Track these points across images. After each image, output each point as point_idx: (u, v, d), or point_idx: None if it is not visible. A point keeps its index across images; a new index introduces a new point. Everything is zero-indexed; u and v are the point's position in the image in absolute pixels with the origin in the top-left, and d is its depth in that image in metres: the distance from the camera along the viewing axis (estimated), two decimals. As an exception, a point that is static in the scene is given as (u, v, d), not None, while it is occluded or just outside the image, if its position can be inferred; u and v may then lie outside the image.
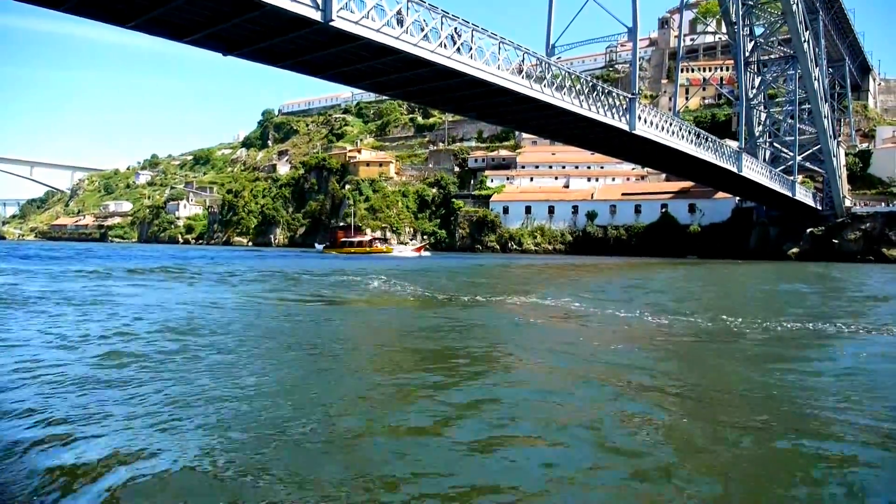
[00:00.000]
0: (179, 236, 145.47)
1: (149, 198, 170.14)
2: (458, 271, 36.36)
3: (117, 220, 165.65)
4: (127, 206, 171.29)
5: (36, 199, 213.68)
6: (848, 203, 71.29)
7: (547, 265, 47.54)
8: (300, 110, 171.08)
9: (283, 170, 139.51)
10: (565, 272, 38.67)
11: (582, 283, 28.44)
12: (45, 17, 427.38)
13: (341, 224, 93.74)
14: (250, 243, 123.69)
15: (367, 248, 75.55)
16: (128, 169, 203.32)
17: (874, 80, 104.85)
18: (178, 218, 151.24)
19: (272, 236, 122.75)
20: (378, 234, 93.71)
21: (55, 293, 17.34)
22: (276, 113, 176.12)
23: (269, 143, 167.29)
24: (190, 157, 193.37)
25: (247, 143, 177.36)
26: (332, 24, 22.98)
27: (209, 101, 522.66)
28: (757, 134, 69.86)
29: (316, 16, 22.71)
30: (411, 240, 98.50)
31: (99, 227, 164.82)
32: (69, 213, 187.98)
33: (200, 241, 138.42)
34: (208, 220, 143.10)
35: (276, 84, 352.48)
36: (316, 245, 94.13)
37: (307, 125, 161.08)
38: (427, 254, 73.32)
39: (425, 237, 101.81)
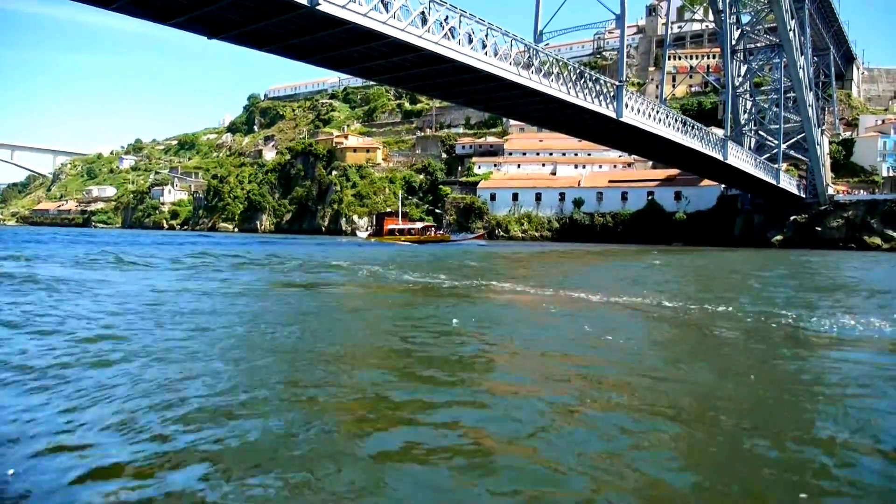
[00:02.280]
0: (164, 222, 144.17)
1: (133, 183, 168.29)
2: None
3: (101, 205, 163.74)
4: (110, 192, 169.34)
5: (17, 184, 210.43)
6: (831, 191, 72.12)
7: (588, 251, 47.81)
8: (286, 95, 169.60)
9: (269, 155, 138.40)
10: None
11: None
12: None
13: (388, 210, 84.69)
14: (236, 229, 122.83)
15: (421, 236, 67.66)
16: (111, 153, 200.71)
17: (858, 69, 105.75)
18: (162, 203, 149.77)
19: (258, 222, 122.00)
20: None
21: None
22: (262, 98, 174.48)
23: (255, 128, 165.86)
24: (174, 142, 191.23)
25: (232, 129, 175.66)
26: (318, 7, 22.84)
27: (194, 85, 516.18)
28: (742, 122, 70.34)
29: (302, -1, 22.56)
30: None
31: (82, 212, 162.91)
32: (51, 197, 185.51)
33: (186, 227, 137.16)
34: (193, 206, 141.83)
35: (262, 68, 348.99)
36: (357, 233, 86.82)
37: (293, 110, 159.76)
38: (484, 242, 67.98)
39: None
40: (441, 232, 72.23)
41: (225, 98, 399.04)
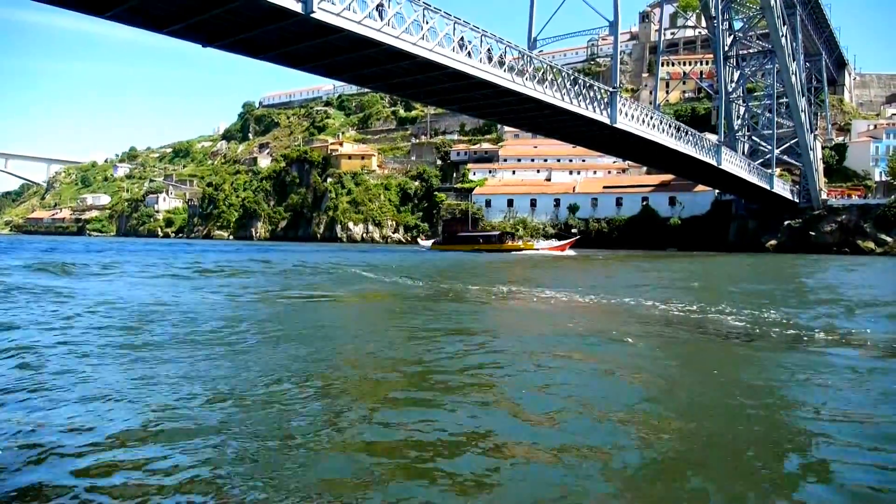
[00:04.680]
0: (159, 230, 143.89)
1: (127, 191, 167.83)
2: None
3: (95, 213, 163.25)
4: (105, 200, 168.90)
5: (11, 193, 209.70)
6: (824, 196, 72.43)
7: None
8: (281, 102, 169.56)
9: (264, 163, 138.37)
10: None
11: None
12: (17, 6, 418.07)
13: (457, 216, 76.25)
14: (231, 237, 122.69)
15: (497, 245, 60.79)
16: (105, 161, 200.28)
17: (850, 74, 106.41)
18: (157, 211, 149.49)
19: (253, 230, 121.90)
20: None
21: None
22: (257, 105, 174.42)
23: (250, 135, 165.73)
24: (169, 150, 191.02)
25: (227, 136, 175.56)
26: (312, 15, 22.87)
27: (188, 92, 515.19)
28: (736, 127, 70.64)
29: (297, 7, 22.59)
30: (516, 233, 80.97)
31: (76, 220, 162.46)
32: (45, 206, 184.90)
33: (180, 235, 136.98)
34: (188, 214, 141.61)
35: (256, 76, 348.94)
36: (420, 241, 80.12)
37: (288, 118, 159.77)
38: (573, 251, 58.23)
39: (406, 230, 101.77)
40: (524, 241, 63.63)
41: (219, 106, 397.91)
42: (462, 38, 30.04)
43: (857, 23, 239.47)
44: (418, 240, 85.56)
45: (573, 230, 69.91)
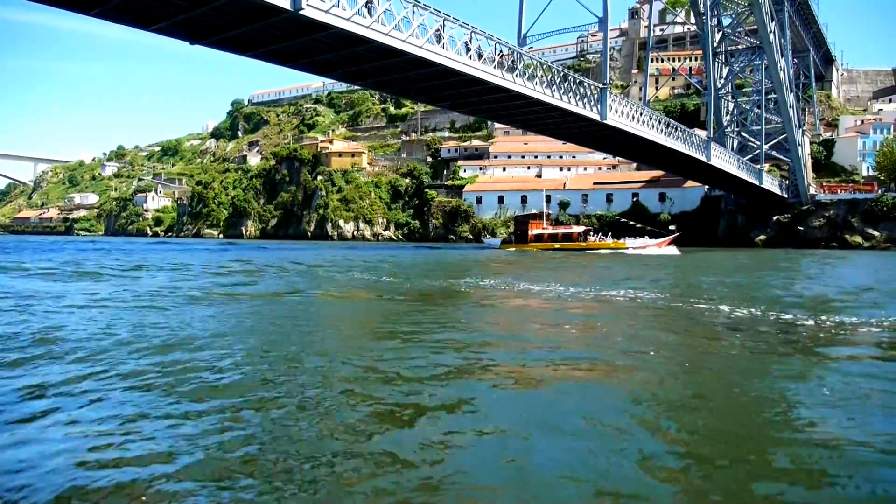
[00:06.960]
0: (148, 229, 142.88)
1: (116, 190, 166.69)
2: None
3: (83, 212, 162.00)
4: (93, 199, 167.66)
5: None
6: (812, 191, 72.99)
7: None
8: (270, 100, 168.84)
9: (254, 161, 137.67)
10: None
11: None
12: (3, 4, 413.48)
13: (531, 213, 69.75)
14: (221, 236, 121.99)
15: (580, 243, 55.88)
16: (93, 160, 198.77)
17: (837, 70, 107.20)
18: (146, 210, 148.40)
19: (243, 228, 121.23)
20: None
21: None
22: (246, 103, 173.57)
23: (239, 133, 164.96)
24: (158, 148, 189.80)
25: (216, 134, 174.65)
26: (301, 12, 22.77)
27: (177, 91, 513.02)
28: (725, 123, 71.01)
29: (285, 4, 22.48)
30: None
31: (64, 220, 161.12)
32: (32, 205, 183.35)
33: (170, 234, 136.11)
34: (177, 213, 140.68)
35: (245, 74, 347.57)
36: (485, 240, 74.75)
37: (278, 115, 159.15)
38: (676, 250, 51.05)
39: (396, 227, 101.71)
40: (614, 239, 58.82)
41: (208, 104, 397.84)
42: (452, 35, 30.00)
43: (844, 19, 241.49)
44: (483, 238, 79.54)
45: (672, 228, 62.15)
